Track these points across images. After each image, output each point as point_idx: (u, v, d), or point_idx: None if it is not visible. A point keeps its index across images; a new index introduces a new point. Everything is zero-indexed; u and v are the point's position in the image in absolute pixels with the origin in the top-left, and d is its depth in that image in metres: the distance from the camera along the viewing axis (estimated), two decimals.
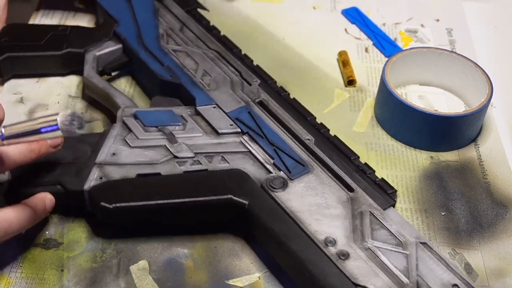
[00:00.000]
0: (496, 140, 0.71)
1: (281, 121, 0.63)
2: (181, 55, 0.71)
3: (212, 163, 0.59)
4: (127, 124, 0.62)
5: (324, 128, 0.63)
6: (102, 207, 0.55)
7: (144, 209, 0.56)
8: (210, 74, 0.68)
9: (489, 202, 0.64)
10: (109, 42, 0.73)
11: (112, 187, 0.57)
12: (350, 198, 0.56)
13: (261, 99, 0.66)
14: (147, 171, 0.58)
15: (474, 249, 0.60)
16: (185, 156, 0.59)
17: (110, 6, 0.77)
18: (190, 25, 0.75)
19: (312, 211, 0.55)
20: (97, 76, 0.68)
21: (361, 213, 0.55)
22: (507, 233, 0.61)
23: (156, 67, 0.69)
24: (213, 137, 0.62)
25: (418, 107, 0.67)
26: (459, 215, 0.63)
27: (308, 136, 0.62)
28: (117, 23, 0.75)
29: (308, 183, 0.57)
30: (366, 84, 0.78)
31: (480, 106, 0.67)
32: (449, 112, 0.67)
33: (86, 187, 0.56)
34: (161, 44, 0.72)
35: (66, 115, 0.49)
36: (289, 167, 0.59)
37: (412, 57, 0.74)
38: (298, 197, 0.56)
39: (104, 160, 0.58)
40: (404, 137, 0.70)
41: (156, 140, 0.61)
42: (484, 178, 0.67)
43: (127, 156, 0.59)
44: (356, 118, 0.73)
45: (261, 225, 0.55)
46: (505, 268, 0.58)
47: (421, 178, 0.66)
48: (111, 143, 0.60)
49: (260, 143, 0.61)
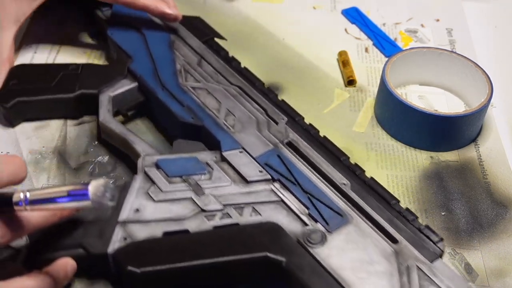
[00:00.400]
0: (496, 140, 0.71)
1: (313, 164, 0.59)
2: (202, 93, 0.66)
3: (243, 215, 0.55)
4: (149, 175, 0.58)
5: (359, 169, 0.59)
6: (129, 272, 0.51)
7: (173, 272, 0.52)
8: (233, 114, 0.64)
9: (489, 202, 0.64)
10: (124, 81, 0.69)
11: (138, 249, 0.53)
12: (394, 251, 0.52)
13: (289, 139, 0.62)
14: (174, 228, 0.54)
15: (474, 249, 0.60)
16: (213, 209, 0.55)
17: (122, 40, 0.73)
18: (209, 57, 0.71)
19: (355, 268, 0.51)
20: (114, 121, 0.64)
21: (407, 268, 0.51)
22: (507, 233, 0.61)
23: (176, 108, 0.65)
24: (242, 186, 0.58)
25: (418, 107, 0.67)
26: (459, 215, 0.63)
27: (343, 180, 0.58)
28: (131, 58, 0.71)
29: (348, 236, 0.53)
30: (366, 84, 0.78)
31: (480, 106, 0.67)
32: (449, 112, 0.67)
33: (110, 250, 0.53)
34: (179, 81, 0.68)
35: (99, 186, 0.45)
36: (326, 218, 0.55)
37: (412, 57, 0.74)
38: (339, 252, 0.52)
39: (128, 218, 0.55)
40: (404, 137, 0.70)
41: (181, 193, 0.57)
42: (484, 178, 0.67)
43: (151, 212, 0.55)
44: (356, 118, 0.73)
45: (301, 285, 0.51)
46: (505, 268, 0.58)
47: (421, 178, 0.66)
48: (134, 197, 0.56)
49: (292, 191, 0.57)
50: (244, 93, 0.67)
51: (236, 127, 0.63)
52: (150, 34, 0.73)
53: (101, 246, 0.53)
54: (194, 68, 0.70)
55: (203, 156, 0.61)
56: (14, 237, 0.48)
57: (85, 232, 0.54)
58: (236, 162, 0.59)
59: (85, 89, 0.68)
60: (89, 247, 0.53)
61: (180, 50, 0.72)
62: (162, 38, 0.73)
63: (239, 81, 0.68)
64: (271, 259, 0.52)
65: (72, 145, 0.68)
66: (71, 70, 0.70)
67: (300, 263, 0.51)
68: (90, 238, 0.54)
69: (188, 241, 0.54)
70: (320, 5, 0.90)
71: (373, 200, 0.56)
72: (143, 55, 0.71)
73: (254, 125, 0.63)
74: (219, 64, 0.71)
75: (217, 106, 0.65)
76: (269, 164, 0.59)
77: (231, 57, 0.72)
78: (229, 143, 0.61)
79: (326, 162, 0.60)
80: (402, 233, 0.54)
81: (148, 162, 0.59)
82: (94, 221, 0.55)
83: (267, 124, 0.63)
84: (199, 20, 0.78)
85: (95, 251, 0.53)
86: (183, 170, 0.59)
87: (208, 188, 0.57)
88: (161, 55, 0.71)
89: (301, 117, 0.65)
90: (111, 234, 0.54)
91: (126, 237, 0.53)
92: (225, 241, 0.53)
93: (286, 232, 0.54)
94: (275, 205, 0.56)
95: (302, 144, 0.61)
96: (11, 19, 0.71)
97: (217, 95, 0.66)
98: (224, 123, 0.63)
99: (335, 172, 0.59)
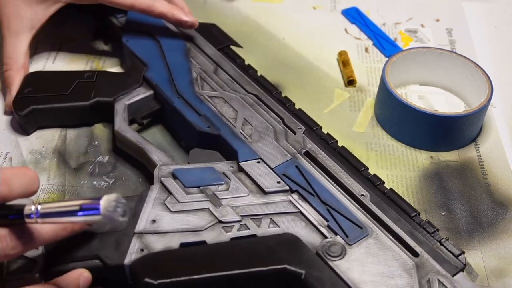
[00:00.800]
0: (496, 140, 0.71)
1: (332, 174, 0.59)
2: (218, 102, 0.66)
3: (261, 227, 0.54)
4: (166, 185, 0.57)
5: (378, 180, 0.58)
6: (145, 283, 0.50)
7: (190, 284, 0.51)
8: (251, 123, 0.63)
9: (489, 202, 0.64)
10: (139, 89, 0.68)
11: (155, 260, 0.52)
12: (415, 264, 0.51)
13: (307, 149, 0.61)
14: (191, 240, 0.54)
15: (474, 249, 0.60)
16: (231, 220, 0.55)
17: (137, 47, 0.72)
18: (225, 65, 0.71)
19: (375, 282, 0.50)
20: (129, 129, 0.64)
21: (428, 282, 0.50)
22: (507, 233, 0.61)
23: (192, 117, 0.64)
24: (260, 196, 0.57)
25: (418, 107, 0.67)
26: (459, 215, 0.63)
27: (362, 191, 0.57)
28: (146, 66, 0.70)
29: (368, 249, 0.52)
30: (366, 84, 0.78)
31: (480, 106, 0.67)
32: (449, 112, 0.67)
33: (126, 261, 0.52)
34: (196, 89, 0.67)
35: (110, 201, 0.44)
36: (346, 230, 0.54)
37: (412, 57, 0.74)
38: (359, 265, 0.51)
39: (144, 228, 0.54)
40: (404, 137, 0.70)
41: (198, 203, 0.56)
42: (484, 178, 0.67)
43: (168, 223, 0.54)
44: (356, 118, 0.73)
45: None
46: (505, 268, 0.58)
47: (421, 178, 0.66)
48: (150, 208, 0.56)
49: (311, 202, 0.56)
50: (261, 101, 0.66)
51: (253, 137, 0.62)
52: (166, 42, 0.73)
53: (117, 258, 0.52)
54: (210, 76, 0.69)
55: (220, 166, 0.60)
56: (25, 249, 0.48)
57: (102, 243, 0.53)
58: (254, 173, 0.59)
59: (100, 97, 0.68)
60: (106, 258, 0.52)
61: (196, 58, 0.71)
62: (178, 45, 0.73)
63: (255, 90, 0.68)
64: (290, 271, 0.51)
65: (72, 145, 0.68)
66: (87, 77, 0.70)
67: (320, 276, 0.51)
68: (107, 250, 0.53)
69: (206, 253, 0.53)
70: (320, 5, 0.90)
71: (393, 212, 0.56)
72: (159, 62, 0.70)
73: (272, 134, 0.62)
74: (236, 72, 0.70)
75: (234, 115, 0.64)
76: (287, 174, 0.58)
77: (248, 65, 0.72)
78: (247, 153, 0.60)
79: (344, 173, 0.59)
80: (423, 246, 0.53)
81: (164, 172, 0.59)
82: (110, 232, 0.54)
83: (285, 133, 0.63)
84: (215, 27, 0.78)
85: (112, 262, 0.52)
86: (200, 180, 0.58)
87: (225, 199, 0.56)
88: (176, 62, 0.70)
89: (318, 127, 0.64)
90: (127, 245, 0.53)
91: (143, 248, 0.53)
92: (243, 253, 0.53)
93: (305, 244, 0.53)
94: (294, 217, 0.55)
95: (320, 154, 0.61)
96: (26, 27, 0.71)
97: (233, 104, 0.66)
98: (241, 133, 0.62)
99: (354, 183, 0.58)
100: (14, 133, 0.69)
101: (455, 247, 0.53)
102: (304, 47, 0.82)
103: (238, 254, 0.53)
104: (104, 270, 0.53)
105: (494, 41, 0.86)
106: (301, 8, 0.90)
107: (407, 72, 0.75)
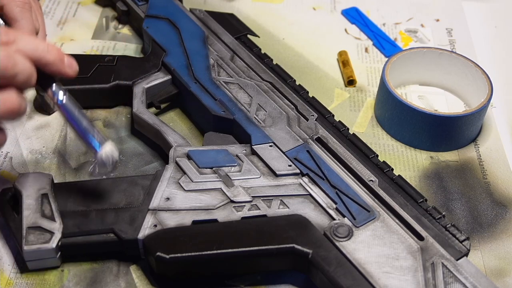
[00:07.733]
0: (496, 140, 0.71)
1: (342, 160, 0.60)
2: (234, 88, 0.67)
3: (271, 208, 0.56)
4: (180, 165, 0.59)
5: (387, 167, 0.60)
6: (158, 257, 0.52)
7: (201, 259, 0.53)
8: (265, 109, 0.65)
9: (489, 202, 0.64)
10: (158, 74, 0.70)
11: (167, 236, 0.54)
12: (420, 247, 0.53)
13: (319, 135, 0.62)
14: (203, 217, 0.55)
15: (474, 249, 0.60)
16: (242, 200, 0.56)
17: (157, 34, 0.74)
18: (242, 53, 0.72)
19: (380, 263, 0.52)
20: (147, 112, 0.66)
21: (432, 265, 0.52)
22: (507, 233, 0.61)
23: (208, 102, 0.66)
24: (271, 179, 0.58)
25: (418, 107, 0.67)
26: (459, 215, 0.63)
27: (371, 177, 0.58)
28: (165, 52, 0.72)
29: (375, 231, 0.54)
30: (366, 84, 0.78)
31: (480, 106, 0.67)
32: (449, 112, 0.67)
33: (140, 236, 0.54)
34: (212, 75, 0.69)
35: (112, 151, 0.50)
36: (354, 213, 0.55)
37: (412, 57, 0.74)
38: (365, 247, 0.53)
39: (158, 205, 0.56)
40: (404, 137, 0.70)
41: (211, 183, 0.58)
42: (484, 178, 0.67)
43: (181, 201, 0.56)
44: (356, 118, 0.73)
45: (325, 277, 0.52)
46: (505, 268, 0.58)
47: (421, 178, 0.66)
48: (165, 186, 0.57)
49: (321, 185, 0.58)
50: (276, 89, 0.68)
51: (266, 122, 0.64)
52: (185, 29, 0.75)
53: (132, 232, 0.54)
54: (227, 63, 0.71)
55: (233, 148, 0.62)
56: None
57: (117, 218, 0.55)
58: (266, 156, 0.60)
59: (120, 80, 0.69)
60: (120, 232, 0.54)
61: (213, 45, 0.73)
62: (196, 33, 0.74)
63: (270, 77, 0.69)
64: (298, 250, 0.53)
65: (72, 145, 0.68)
66: (107, 61, 0.72)
67: (327, 256, 0.52)
68: (122, 224, 0.55)
69: (217, 231, 0.55)
70: (320, 5, 0.90)
71: (400, 198, 0.57)
72: (177, 49, 0.72)
73: (285, 120, 0.64)
74: (252, 60, 0.72)
75: (249, 100, 0.66)
76: (298, 158, 0.60)
77: (264, 54, 0.73)
78: (260, 137, 0.62)
79: (354, 159, 0.60)
80: (429, 231, 0.54)
81: (179, 153, 0.61)
82: (125, 207, 0.56)
83: (297, 120, 0.64)
84: (233, 17, 0.80)
85: (126, 237, 0.54)
86: (214, 161, 0.60)
87: (237, 180, 0.58)
88: (194, 49, 0.72)
89: (331, 114, 0.65)
90: (141, 221, 0.55)
91: (156, 224, 0.55)
92: (253, 232, 0.54)
93: (313, 225, 0.54)
94: (303, 199, 0.57)
95: (331, 140, 0.62)
96: None
97: (248, 90, 0.67)
98: (255, 118, 0.64)
99: (364, 169, 0.59)
100: (14, 133, 0.69)
101: (460, 232, 0.54)
102: (304, 47, 0.82)
103: (248, 233, 0.54)
104: (118, 244, 0.55)
105: (494, 41, 0.86)
106: (301, 8, 0.90)
107: (407, 72, 0.75)
